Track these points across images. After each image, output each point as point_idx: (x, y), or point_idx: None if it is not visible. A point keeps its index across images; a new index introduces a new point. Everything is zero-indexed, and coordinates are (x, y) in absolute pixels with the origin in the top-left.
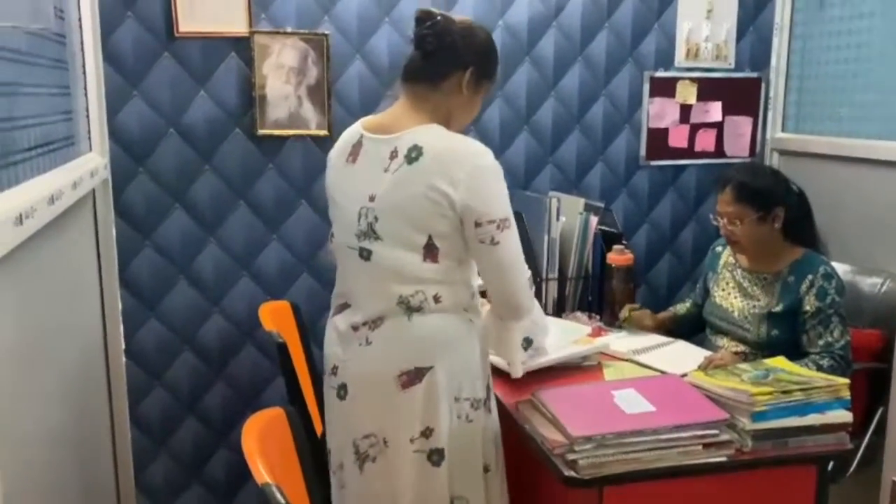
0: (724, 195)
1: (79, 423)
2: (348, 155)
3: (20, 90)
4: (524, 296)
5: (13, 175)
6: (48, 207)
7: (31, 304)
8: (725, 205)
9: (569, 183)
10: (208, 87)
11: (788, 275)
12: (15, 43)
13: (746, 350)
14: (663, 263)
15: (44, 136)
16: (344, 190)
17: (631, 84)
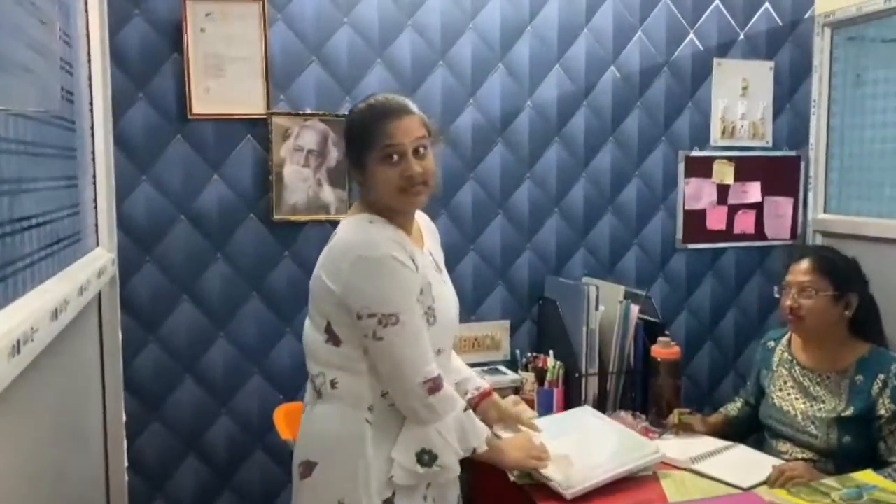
0: (801, 265)
1: None
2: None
3: (24, 186)
4: (413, 401)
5: (12, 288)
6: (50, 325)
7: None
8: (801, 274)
9: (602, 268)
10: (222, 171)
11: (856, 374)
12: (18, 132)
13: (814, 457)
14: (704, 354)
15: (48, 235)
16: None
17: (665, 164)
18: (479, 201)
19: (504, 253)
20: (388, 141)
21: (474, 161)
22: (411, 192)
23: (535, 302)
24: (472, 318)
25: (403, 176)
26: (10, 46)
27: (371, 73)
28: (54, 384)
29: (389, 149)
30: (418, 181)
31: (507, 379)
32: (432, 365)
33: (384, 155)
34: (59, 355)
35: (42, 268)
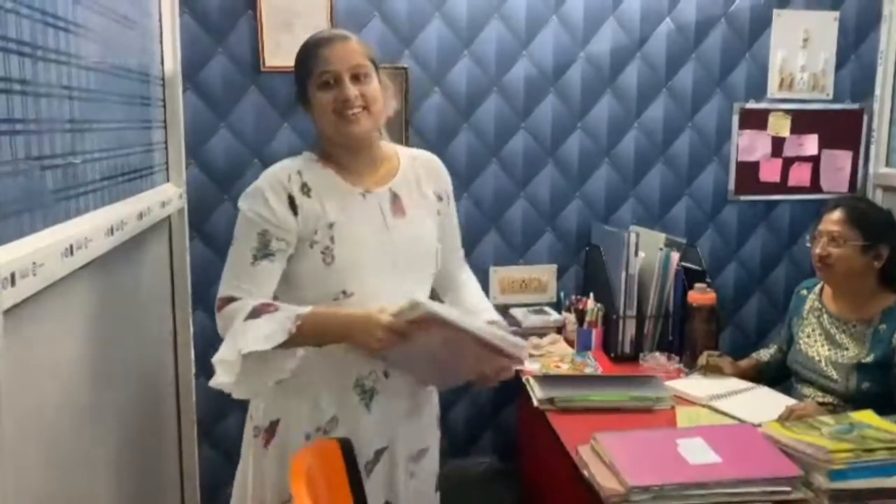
0: (833, 214)
1: (145, 440)
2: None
3: (88, 126)
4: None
5: (74, 206)
6: (105, 239)
7: (98, 326)
8: (832, 223)
9: (652, 217)
10: (292, 120)
11: (880, 323)
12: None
13: (834, 401)
14: (752, 304)
15: (113, 168)
16: None
17: (719, 116)
18: (530, 150)
19: (553, 200)
20: (323, 67)
21: (525, 112)
22: (348, 117)
23: (582, 248)
24: (521, 262)
25: (338, 99)
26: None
27: (429, 26)
28: (123, 290)
29: (325, 75)
30: (355, 104)
31: (551, 319)
32: (233, 289)
33: (321, 82)
34: (127, 266)
35: (106, 194)
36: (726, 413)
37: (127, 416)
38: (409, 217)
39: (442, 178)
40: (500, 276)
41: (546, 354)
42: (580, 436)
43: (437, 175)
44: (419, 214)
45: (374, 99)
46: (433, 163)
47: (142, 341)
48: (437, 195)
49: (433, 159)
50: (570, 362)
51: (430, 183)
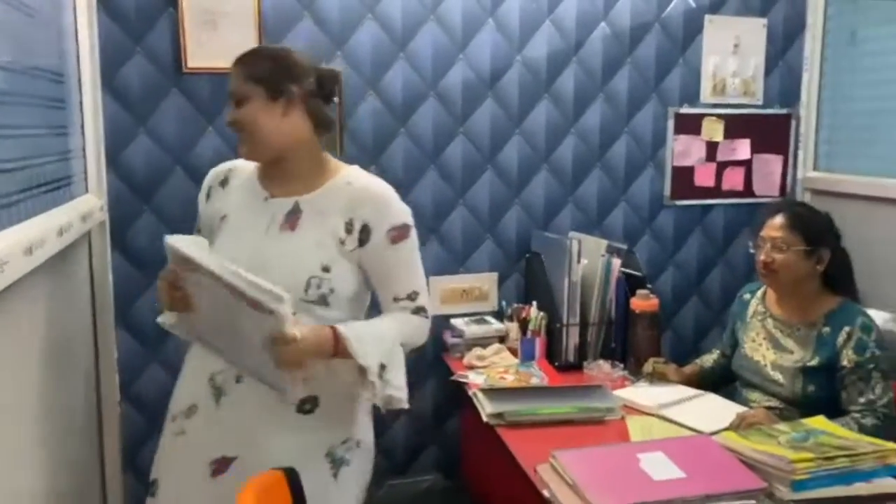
0: (775, 220)
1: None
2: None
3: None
4: None
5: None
6: (23, 259)
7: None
8: (774, 229)
9: (590, 223)
10: (217, 124)
11: (824, 326)
12: None
13: (780, 406)
14: (689, 308)
15: (28, 179)
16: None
17: (655, 121)
18: (469, 156)
19: (492, 208)
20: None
21: (463, 117)
22: (239, 138)
23: (522, 255)
24: (461, 270)
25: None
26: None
27: (362, 28)
28: (39, 317)
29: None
30: (235, 129)
31: (493, 328)
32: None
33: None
34: (45, 288)
35: (22, 209)
36: (677, 422)
37: (45, 453)
38: (297, 234)
39: (375, 209)
40: (440, 286)
41: (490, 365)
42: (535, 452)
43: (368, 206)
44: (308, 235)
45: (244, 123)
46: (368, 192)
47: (62, 372)
48: (353, 225)
49: (370, 189)
50: (515, 373)
51: (351, 211)
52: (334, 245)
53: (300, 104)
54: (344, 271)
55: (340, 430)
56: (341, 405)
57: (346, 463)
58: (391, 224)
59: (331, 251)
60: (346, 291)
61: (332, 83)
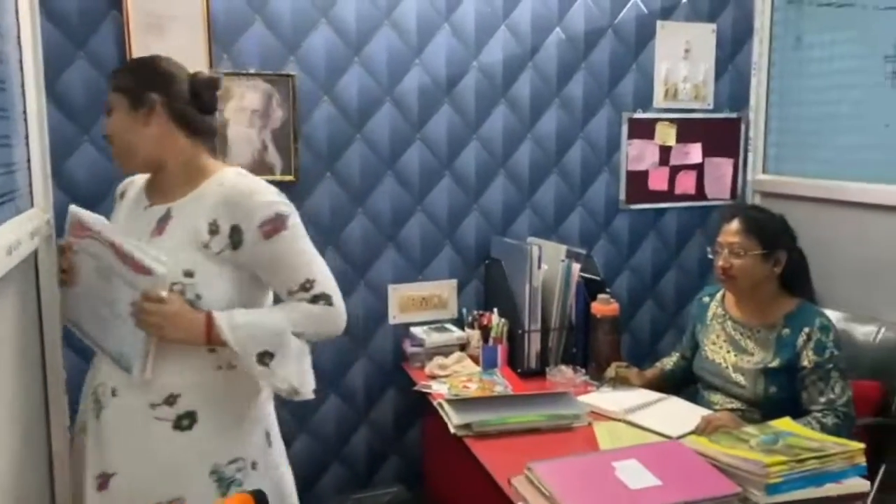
0: (731, 225)
1: None
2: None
3: None
4: None
5: None
6: None
7: None
8: (731, 235)
9: (547, 228)
10: None
11: (783, 327)
12: None
13: (742, 407)
14: (645, 311)
15: None
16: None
17: (609, 126)
18: (426, 162)
19: (451, 214)
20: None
21: (420, 122)
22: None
23: (481, 262)
24: (420, 278)
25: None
26: None
27: (315, 32)
28: None
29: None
30: (107, 141)
31: (454, 336)
32: None
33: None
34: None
35: None
36: (644, 427)
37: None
38: (163, 240)
39: (241, 208)
40: (399, 293)
41: (453, 374)
42: (506, 463)
43: (234, 205)
44: (173, 241)
45: (111, 135)
46: (234, 191)
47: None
48: (218, 227)
49: (236, 187)
50: (479, 381)
51: (215, 212)
52: (197, 249)
53: (163, 113)
54: (210, 276)
55: (226, 448)
56: (223, 422)
57: (238, 483)
58: (261, 219)
59: (193, 255)
60: (218, 296)
61: (209, 90)
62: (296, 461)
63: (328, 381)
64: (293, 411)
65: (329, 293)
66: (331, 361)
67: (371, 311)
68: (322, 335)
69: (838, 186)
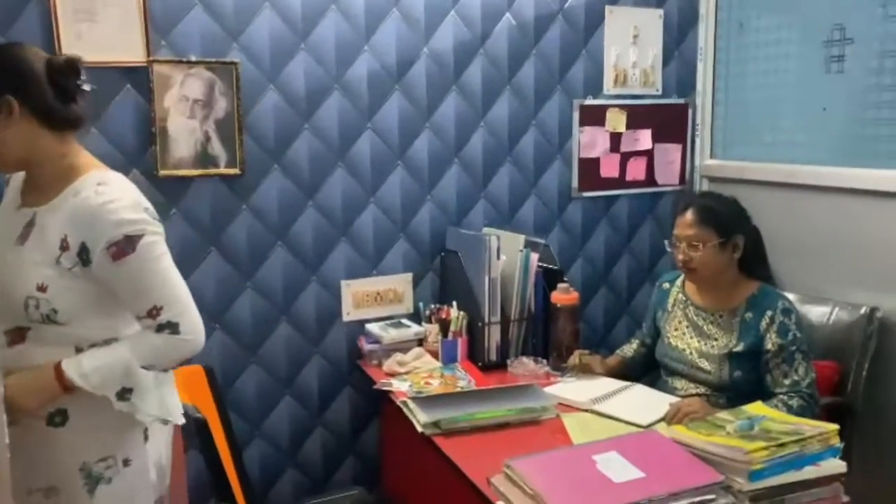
0: (685, 218)
1: None
2: None
3: None
4: None
5: None
6: None
7: None
8: (686, 227)
9: (502, 217)
10: (101, 124)
11: (746, 311)
12: None
13: (707, 392)
14: (599, 299)
15: None
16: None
17: (561, 113)
18: (378, 152)
19: (404, 205)
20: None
21: (371, 111)
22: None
23: (437, 254)
24: (374, 273)
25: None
26: None
27: (259, 17)
28: None
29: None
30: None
31: (411, 332)
32: None
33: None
34: None
35: None
36: (613, 416)
37: None
38: (24, 248)
39: (88, 226)
40: (352, 289)
41: (413, 371)
42: (479, 461)
43: (81, 222)
44: (31, 251)
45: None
46: (83, 206)
47: None
48: (68, 243)
49: (87, 202)
50: (440, 377)
51: (66, 227)
52: (50, 264)
53: (23, 112)
54: (64, 290)
55: (96, 446)
56: (94, 420)
57: (106, 481)
58: (107, 240)
59: (47, 270)
60: (74, 309)
61: (69, 75)
62: (249, 467)
63: (281, 382)
64: (245, 416)
65: (175, 320)
66: (283, 362)
67: (324, 309)
68: (174, 362)
69: (784, 169)
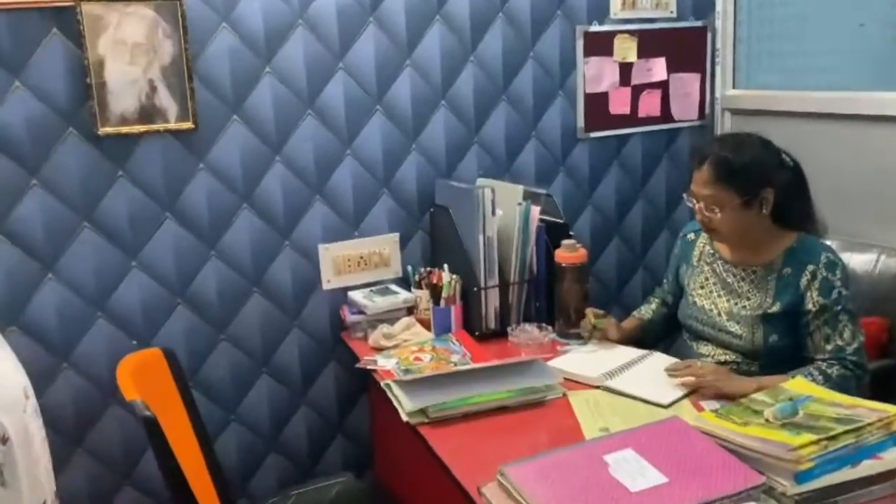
0: (701, 173)
1: None
2: None
3: None
4: None
5: None
6: None
7: None
8: (701, 186)
9: (499, 167)
10: (25, 77)
11: (784, 266)
12: None
13: (738, 359)
14: (610, 252)
15: None
16: None
17: (562, 42)
18: (352, 97)
19: (386, 157)
20: None
21: (342, 48)
22: None
23: (425, 210)
24: (356, 234)
25: None
26: None
27: None
28: None
29: None
30: None
31: (400, 299)
32: None
33: None
34: None
35: None
36: (628, 394)
37: None
38: None
39: None
40: (331, 254)
41: (401, 344)
42: (471, 458)
43: None
44: None
45: None
46: None
47: None
48: None
49: None
50: (432, 350)
51: None
52: None
53: None
54: None
55: None
56: None
57: None
58: None
59: None
60: None
61: None
62: (225, 456)
63: (257, 360)
64: (218, 400)
65: None
66: (258, 337)
67: (300, 277)
68: None
69: (817, 98)
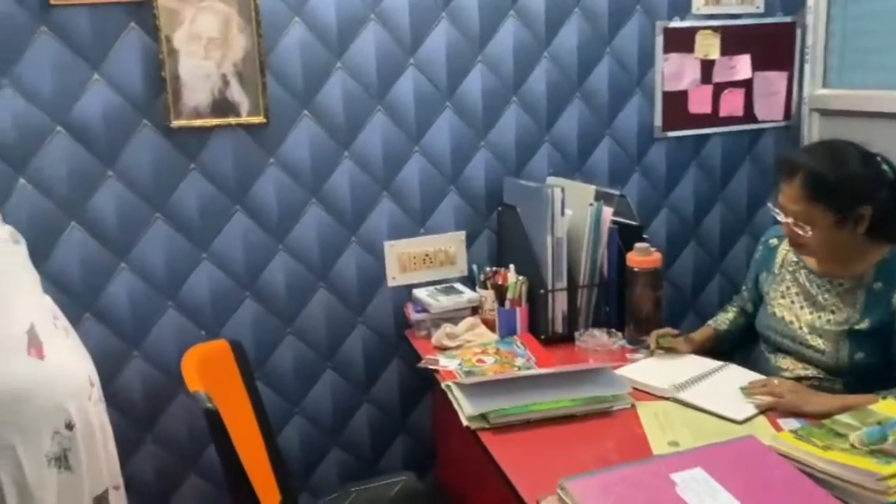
0: (792, 187)
1: None
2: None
3: None
4: None
5: None
6: None
7: None
8: (791, 200)
9: (570, 165)
10: (104, 70)
11: (875, 280)
12: None
13: (819, 374)
14: (686, 257)
15: None
16: None
17: (641, 38)
18: (423, 93)
19: (455, 154)
20: None
21: (414, 43)
22: None
23: (493, 209)
24: (422, 231)
25: None
26: None
27: None
28: None
29: None
30: None
31: (464, 298)
32: None
33: None
34: None
35: None
36: (700, 408)
37: None
38: None
39: None
40: (397, 251)
41: (464, 345)
42: (532, 468)
43: None
44: None
45: None
46: None
47: None
48: None
49: None
50: (495, 353)
51: None
52: None
53: None
54: None
55: None
56: None
57: None
58: None
59: None
60: None
61: None
62: (288, 449)
63: (322, 354)
64: (282, 393)
65: None
66: (324, 331)
67: (366, 273)
68: None
69: None
